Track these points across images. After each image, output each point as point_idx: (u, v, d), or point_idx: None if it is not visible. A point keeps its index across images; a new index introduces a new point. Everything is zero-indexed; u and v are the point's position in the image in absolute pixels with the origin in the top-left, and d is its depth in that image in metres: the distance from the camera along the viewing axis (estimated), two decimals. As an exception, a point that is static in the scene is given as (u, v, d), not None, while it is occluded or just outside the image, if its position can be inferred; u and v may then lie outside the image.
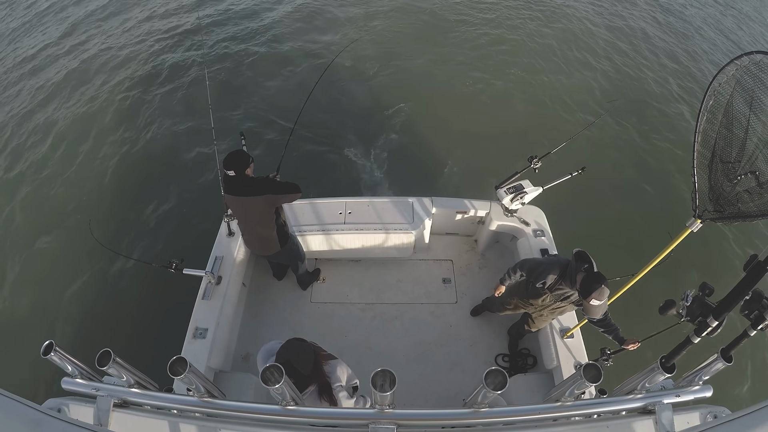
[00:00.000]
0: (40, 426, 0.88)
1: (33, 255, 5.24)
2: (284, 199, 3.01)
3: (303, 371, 1.86)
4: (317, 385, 1.95)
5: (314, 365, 1.92)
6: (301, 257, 3.56)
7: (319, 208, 3.76)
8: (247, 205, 2.96)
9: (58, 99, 7.58)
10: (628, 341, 2.63)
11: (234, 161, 2.83)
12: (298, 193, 2.99)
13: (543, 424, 1.28)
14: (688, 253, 4.91)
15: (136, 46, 8.84)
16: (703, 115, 1.91)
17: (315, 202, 3.80)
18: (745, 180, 1.80)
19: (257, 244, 3.23)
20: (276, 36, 8.84)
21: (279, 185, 2.97)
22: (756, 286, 1.42)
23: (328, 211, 3.72)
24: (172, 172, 6.13)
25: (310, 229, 3.63)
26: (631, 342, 2.62)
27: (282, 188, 2.96)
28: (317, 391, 1.95)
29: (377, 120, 6.86)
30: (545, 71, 7.92)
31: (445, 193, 4.17)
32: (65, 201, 5.82)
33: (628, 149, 6.47)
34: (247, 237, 3.26)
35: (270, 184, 2.95)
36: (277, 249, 3.20)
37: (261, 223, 3.05)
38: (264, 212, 3.00)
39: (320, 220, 3.67)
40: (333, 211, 3.72)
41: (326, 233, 3.64)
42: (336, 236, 3.66)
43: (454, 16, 9.37)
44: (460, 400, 1.66)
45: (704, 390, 1.26)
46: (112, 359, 1.22)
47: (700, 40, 9.30)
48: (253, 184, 2.91)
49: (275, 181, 3.07)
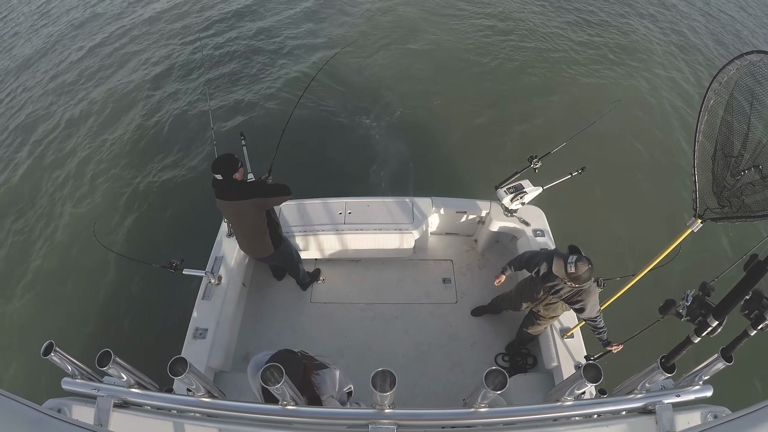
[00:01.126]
0: (40, 426, 0.88)
1: (33, 255, 5.24)
2: (273, 201, 2.97)
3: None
4: (307, 398, 1.93)
5: (303, 378, 1.91)
6: (296, 260, 3.54)
7: (318, 208, 3.76)
8: (236, 209, 2.93)
9: (58, 98, 7.59)
10: (612, 343, 2.72)
11: (221, 165, 2.77)
12: (288, 195, 2.96)
13: (543, 424, 1.28)
14: (688, 253, 4.90)
15: (135, 45, 8.84)
16: (704, 114, 1.91)
17: (315, 203, 3.80)
18: (749, 174, 1.80)
19: (250, 247, 3.22)
20: (276, 35, 8.84)
21: (267, 188, 2.94)
22: (756, 286, 1.41)
23: (328, 211, 3.72)
24: (172, 172, 6.13)
25: (310, 230, 3.63)
26: (615, 344, 2.71)
27: (270, 191, 2.92)
28: (307, 402, 1.92)
29: (377, 120, 6.86)
30: (546, 71, 7.92)
31: (445, 193, 4.16)
32: (66, 203, 5.82)
33: (628, 149, 6.47)
34: (240, 240, 3.25)
35: (258, 187, 2.92)
36: (270, 252, 3.18)
37: (252, 226, 3.03)
38: (254, 216, 2.97)
39: (320, 221, 3.67)
40: (333, 211, 3.72)
41: (326, 233, 3.64)
42: (336, 236, 3.66)
43: (455, 12, 9.37)
44: (460, 400, 1.66)
45: (704, 390, 1.26)
46: (112, 359, 1.22)
47: (704, 39, 9.29)
48: (241, 188, 2.86)
49: (264, 184, 3.03)
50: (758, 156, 1.78)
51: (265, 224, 3.04)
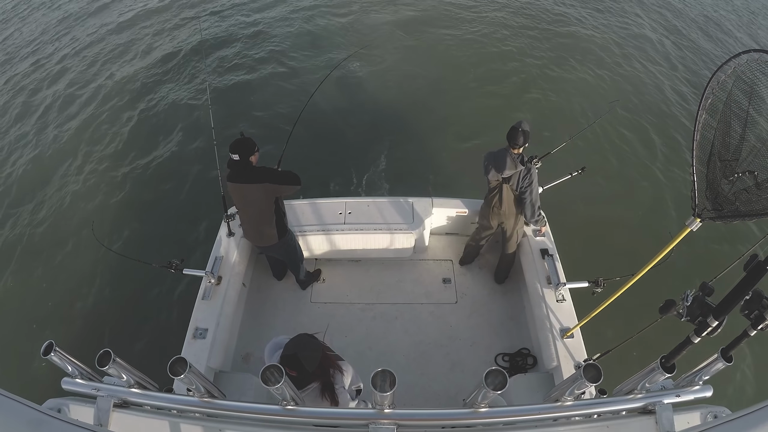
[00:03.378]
0: (40, 426, 0.88)
1: (33, 255, 5.24)
2: (283, 189, 3.00)
3: (308, 368, 1.87)
4: (320, 383, 1.96)
5: (320, 363, 1.93)
6: (299, 257, 3.55)
7: (319, 208, 3.76)
8: (245, 192, 2.96)
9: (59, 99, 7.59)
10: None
11: (240, 146, 2.84)
12: (298, 185, 2.99)
13: (543, 424, 1.28)
14: (688, 253, 4.91)
15: (134, 45, 8.84)
16: (701, 113, 1.90)
17: (315, 202, 3.80)
18: (743, 179, 1.79)
19: (254, 234, 3.22)
20: (280, 37, 8.84)
21: (278, 174, 2.97)
22: (756, 286, 1.41)
23: (328, 211, 3.72)
24: (172, 172, 6.12)
25: (310, 230, 3.63)
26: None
27: (282, 178, 2.95)
28: (320, 388, 1.96)
29: (378, 120, 6.86)
30: (546, 71, 7.92)
31: (445, 193, 4.17)
32: (66, 202, 5.82)
33: (628, 149, 6.47)
34: (245, 227, 3.26)
35: (269, 172, 2.95)
36: (274, 241, 3.19)
37: (259, 212, 3.05)
38: (262, 201, 2.99)
39: (320, 221, 3.67)
40: (333, 211, 3.72)
41: (326, 233, 3.64)
42: (336, 236, 3.66)
43: (456, 13, 9.37)
44: (460, 400, 1.66)
45: (704, 390, 1.26)
46: (112, 359, 1.22)
47: (703, 41, 9.29)
48: (254, 171, 2.91)
49: (275, 170, 3.06)
50: (753, 161, 1.77)
51: (272, 211, 3.05)
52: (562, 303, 3.24)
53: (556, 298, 3.27)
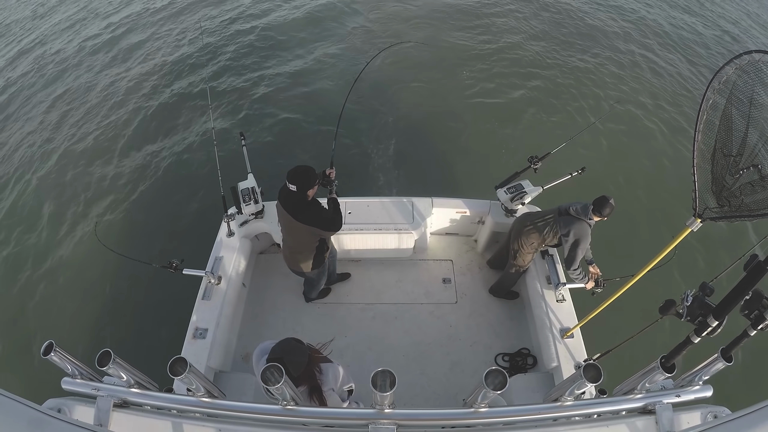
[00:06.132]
0: (40, 426, 0.88)
1: (33, 255, 5.24)
2: (327, 235, 2.99)
3: (293, 372, 1.87)
4: (308, 387, 1.96)
5: (306, 368, 1.93)
6: (321, 284, 3.53)
7: None
8: (291, 225, 2.87)
9: (59, 99, 7.59)
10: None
11: (299, 178, 2.62)
12: (337, 230, 2.95)
13: (543, 424, 1.28)
14: (688, 253, 4.91)
15: (134, 47, 8.84)
16: (703, 113, 1.91)
17: None
18: (748, 173, 1.80)
19: (290, 260, 3.19)
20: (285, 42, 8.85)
21: (328, 222, 2.87)
22: (756, 286, 1.41)
23: None
24: (172, 172, 6.13)
25: None
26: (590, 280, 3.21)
27: (328, 225, 2.88)
28: (307, 391, 1.96)
29: (378, 120, 6.85)
30: (546, 72, 7.92)
31: (445, 193, 4.16)
32: (66, 201, 5.82)
33: (628, 149, 6.47)
34: (284, 248, 3.22)
35: (320, 219, 2.83)
36: (307, 270, 3.17)
37: (299, 244, 3.04)
38: (305, 237, 2.96)
39: None
40: None
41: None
42: (336, 236, 3.66)
43: (457, 15, 9.37)
44: (460, 400, 1.66)
45: (704, 390, 1.26)
46: (112, 359, 1.22)
47: (707, 39, 9.29)
48: (307, 210, 2.76)
49: (325, 216, 2.90)
50: (757, 155, 1.78)
51: (314, 246, 3.03)
52: (562, 303, 3.25)
53: (556, 298, 3.27)
